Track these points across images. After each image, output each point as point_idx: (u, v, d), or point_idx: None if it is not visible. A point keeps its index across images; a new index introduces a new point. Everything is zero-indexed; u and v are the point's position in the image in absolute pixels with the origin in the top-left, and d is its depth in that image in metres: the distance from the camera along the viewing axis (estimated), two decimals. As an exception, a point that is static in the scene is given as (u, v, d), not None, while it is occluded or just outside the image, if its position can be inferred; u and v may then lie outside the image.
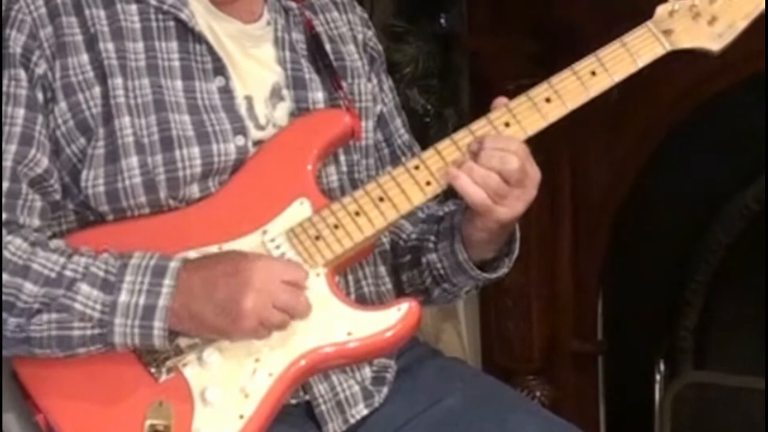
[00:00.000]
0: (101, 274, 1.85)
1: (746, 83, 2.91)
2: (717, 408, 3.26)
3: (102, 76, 1.93)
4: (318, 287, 1.92)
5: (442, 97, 3.43)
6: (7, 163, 1.90)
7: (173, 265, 1.86)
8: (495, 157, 1.93)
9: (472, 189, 1.93)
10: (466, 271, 2.05)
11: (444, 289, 2.11)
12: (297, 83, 2.05)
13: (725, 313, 3.31)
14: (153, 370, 1.88)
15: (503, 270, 2.09)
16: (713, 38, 2.00)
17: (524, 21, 3.21)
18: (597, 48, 2.02)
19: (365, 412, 2.03)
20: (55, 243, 1.90)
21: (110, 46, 1.94)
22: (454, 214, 2.07)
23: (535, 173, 1.96)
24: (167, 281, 1.84)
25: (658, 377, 3.31)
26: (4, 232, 1.87)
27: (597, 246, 3.29)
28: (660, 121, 3.16)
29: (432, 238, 2.10)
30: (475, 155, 1.95)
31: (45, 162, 1.93)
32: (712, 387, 3.26)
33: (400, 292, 2.15)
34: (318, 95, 2.06)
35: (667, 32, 2.00)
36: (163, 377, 1.88)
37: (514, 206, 1.95)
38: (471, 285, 2.11)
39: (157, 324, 1.83)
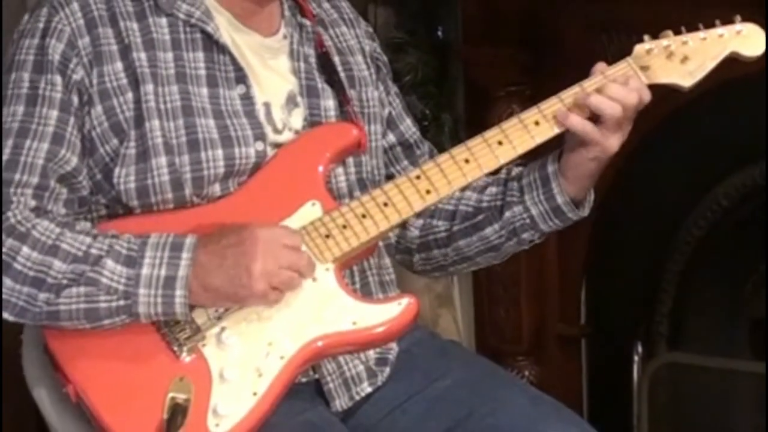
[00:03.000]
0: (124, 251, 1.85)
1: (716, 91, 2.92)
2: (690, 386, 3.27)
3: (135, 83, 1.94)
4: (327, 280, 1.93)
5: (439, 103, 3.42)
6: (39, 161, 1.90)
7: (189, 240, 1.86)
8: (621, 90, 1.99)
9: (608, 104, 1.98)
10: (563, 213, 2.06)
11: (521, 239, 2.10)
12: (310, 92, 2.06)
13: (697, 299, 3.32)
14: (176, 348, 1.88)
15: (586, 211, 2.10)
16: (685, 76, 2.04)
17: (514, 33, 3.21)
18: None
19: (369, 389, 2.05)
20: (81, 225, 1.90)
21: (143, 55, 1.95)
22: (543, 165, 2.07)
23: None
24: (185, 254, 1.84)
25: (636, 358, 3.31)
26: (32, 215, 1.87)
27: (580, 239, 3.29)
28: (637, 124, 3.14)
29: (515, 193, 2.08)
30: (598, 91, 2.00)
31: (74, 161, 1.93)
32: (685, 367, 3.27)
33: (451, 258, 2.16)
34: (329, 103, 2.06)
35: (644, 68, 2.03)
36: (185, 355, 1.88)
37: (619, 140, 2.01)
38: (553, 229, 2.10)
39: (179, 292, 1.84)
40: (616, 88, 2.00)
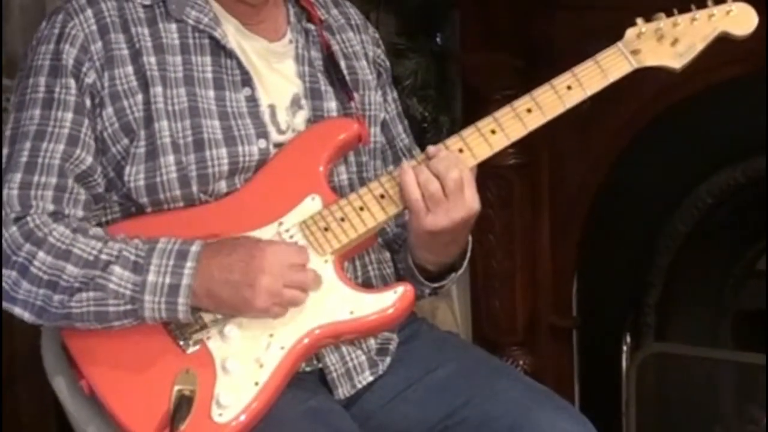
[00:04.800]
0: (132, 257, 1.85)
1: (701, 94, 2.91)
2: (675, 374, 3.26)
3: (144, 85, 1.93)
4: (325, 272, 1.92)
5: (437, 105, 3.41)
6: (56, 161, 1.90)
7: (194, 249, 1.85)
8: (442, 164, 1.90)
9: (411, 187, 1.90)
10: (413, 276, 2.04)
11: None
12: (314, 94, 2.04)
13: (683, 292, 3.31)
14: (181, 342, 1.88)
15: (443, 282, 2.06)
16: (675, 57, 1.98)
17: (510, 39, 3.20)
18: (573, 63, 2.00)
19: (371, 378, 2.04)
20: (94, 230, 1.90)
21: (152, 59, 1.94)
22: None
23: (471, 199, 1.91)
24: (189, 263, 1.84)
25: (624, 348, 3.30)
26: (50, 220, 1.87)
27: (572, 234, 3.28)
28: (626, 126, 3.15)
29: (399, 241, 2.11)
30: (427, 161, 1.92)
31: (89, 160, 1.92)
32: (671, 356, 3.26)
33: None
34: (332, 105, 2.05)
35: (634, 52, 1.97)
36: (190, 349, 1.88)
37: (439, 218, 1.90)
38: (421, 291, 2.07)
39: (181, 300, 1.83)
40: (436, 162, 1.90)
